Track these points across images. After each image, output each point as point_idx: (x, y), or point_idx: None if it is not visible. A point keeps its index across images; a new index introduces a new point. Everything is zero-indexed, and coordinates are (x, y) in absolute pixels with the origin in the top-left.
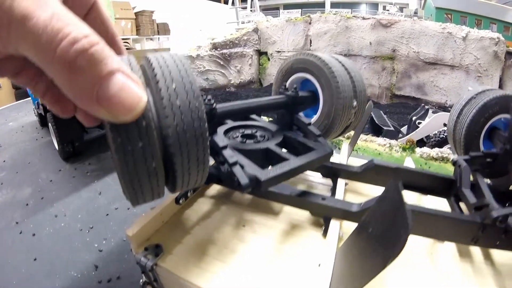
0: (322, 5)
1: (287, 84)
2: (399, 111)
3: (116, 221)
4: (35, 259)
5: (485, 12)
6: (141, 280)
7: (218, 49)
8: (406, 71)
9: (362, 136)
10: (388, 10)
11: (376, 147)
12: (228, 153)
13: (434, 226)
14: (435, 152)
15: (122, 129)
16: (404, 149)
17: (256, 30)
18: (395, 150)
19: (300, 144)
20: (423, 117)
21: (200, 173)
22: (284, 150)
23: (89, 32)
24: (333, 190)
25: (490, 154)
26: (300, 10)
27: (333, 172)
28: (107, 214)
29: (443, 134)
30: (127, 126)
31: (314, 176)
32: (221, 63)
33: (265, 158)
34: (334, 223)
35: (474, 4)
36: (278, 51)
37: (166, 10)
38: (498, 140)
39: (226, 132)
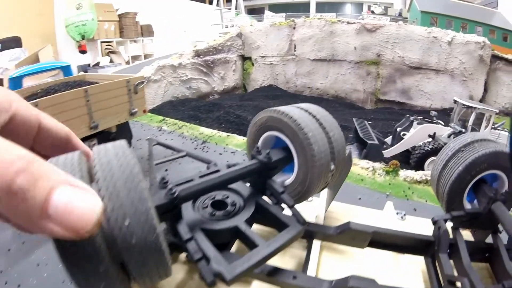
0: (307, 5)
1: (261, 141)
2: (384, 118)
3: None
4: None
5: (470, 15)
6: None
7: (201, 56)
8: (391, 75)
9: None
10: (372, 11)
11: (359, 171)
12: (192, 247)
13: None
14: (418, 175)
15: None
16: (387, 173)
17: (240, 35)
18: (378, 174)
19: (273, 216)
20: (407, 128)
21: (159, 270)
22: (255, 226)
23: (24, 152)
24: (308, 254)
25: (473, 213)
26: (284, 14)
27: (309, 234)
28: None
29: (428, 146)
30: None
31: None
32: (204, 70)
33: (235, 235)
34: None
35: (460, 7)
36: (263, 56)
37: (150, 11)
38: (483, 197)
39: (196, 199)
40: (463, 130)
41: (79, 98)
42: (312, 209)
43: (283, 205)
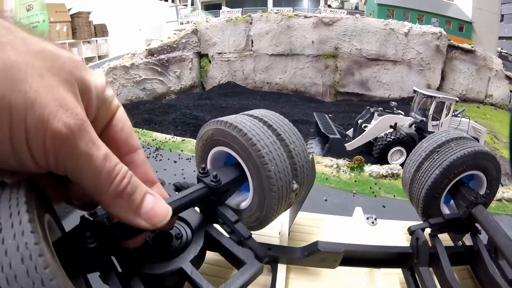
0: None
1: (210, 157)
2: (344, 110)
3: None
4: None
5: (427, 7)
6: None
7: (155, 55)
8: (349, 68)
9: None
10: (329, 5)
11: (323, 170)
12: None
13: None
14: (384, 169)
15: None
16: (352, 169)
17: (195, 32)
18: (343, 171)
19: (226, 251)
20: (369, 120)
21: None
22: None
23: (126, 168)
24: (273, 280)
25: (453, 219)
26: (241, 9)
27: (273, 259)
28: None
29: (390, 137)
30: None
31: None
32: (159, 70)
33: (179, 279)
34: None
35: (416, 0)
36: (219, 53)
37: (104, 10)
38: (462, 200)
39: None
40: (424, 119)
41: None
42: (275, 223)
43: None
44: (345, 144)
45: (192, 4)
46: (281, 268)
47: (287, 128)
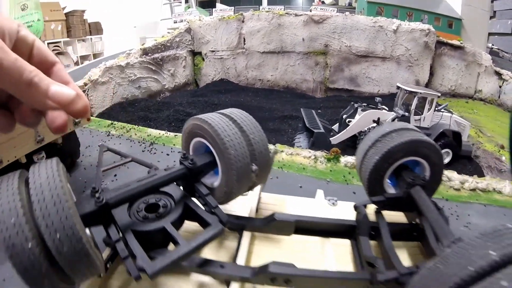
0: None
1: (191, 147)
2: (333, 105)
3: None
4: None
5: (416, 4)
6: None
7: (149, 54)
8: (338, 64)
9: (288, 150)
10: (323, 2)
11: (301, 161)
12: (120, 247)
13: (331, 285)
14: None
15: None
16: (329, 160)
17: (188, 30)
18: (320, 162)
19: (198, 216)
20: (353, 115)
21: (88, 270)
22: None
23: (34, 67)
24: (238, 245)
25: (393, 198)
26: (233, 7)
27: (239, 226)
28: None
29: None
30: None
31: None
32: (153, 68)
33: (163, 236)
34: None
35: None
36: (212, 51)
37: (99, 8)
38: (403, 182)
39: (132, 203)
40: (406, 114)
41: None
42: (248, 202)
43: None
44: (330, 138)
45: (187, 1)
46: (247, 235)
47: (249, 123)
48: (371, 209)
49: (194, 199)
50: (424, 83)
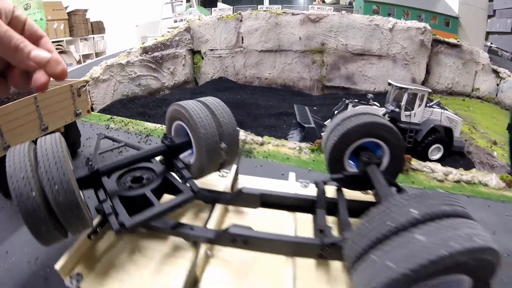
0: None
1: (173, 129)
2: (329, 103)
3: (56, 249)
4: None
5: (412, 3)
6: None
7: (149, 52)
8: (335, 63)
9: (274, 142)
10: (323, 1)
11: (286, 151)
12: (106, 206)
13: (285, 248)
14: None
15: (19, 196)
16: (312, 151)
17: (188, 29)
18: (304, 153)
19: (174, 186)
20: (343, 110)
21: (80, 222)
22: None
23: (20, 36)
24: (210, 214)
25: (350, 176)
26: (232, 7)
27: (212, 199)
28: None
29: None
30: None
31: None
32: (153, 66)
33: (143, 200)
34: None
35: None
36: (211, 49)
37: (101, 7)
38: (361, 161)
39: (123, 174)
40: (397, 109)
41: (29, 105)
42: (225, 181)
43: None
44: (322, 133)
45: (188, 0)
46: (219, 207)
47: (221, 108)
48: (350, 192)
49: (173, 174)
50: (420, 81)
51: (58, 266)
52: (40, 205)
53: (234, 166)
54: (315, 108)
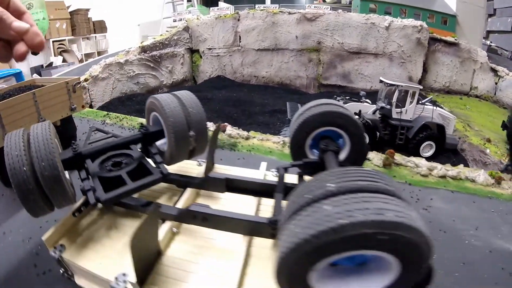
0: None
1: (151, 119)
2: None
3: (46, 230)
4: None
5: (409, 1)
6: (61, 270)
7: (148, 51)
8: (331, 61)
9: (259, 136)
10: (324, 0)
11: (270, 145)
12: (86, 183)
13: (239, 225)
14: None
15: (13, 171)
16: None
17: (187, 29)
18: (288, 147)
19: (147, 169)
20: None
21: (63, 196)
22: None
23: (2, 9)
24: (180, 197)
25: (309, 162)
26: (232, 6)
27: (184, 184)
28: (40, 227)
29: None
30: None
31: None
32: (152, 65)
33: (119, 181)
34: (168, 223)
35: None
36: (210, 48)
37: (103, 6)
38: (321, 149)
39: (106, 160)
40: (388, 106)
41: (28, 100)
42: (201, 169)
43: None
44: None
45: (189, 0)
46: (189, 191)
47: (191, 100)
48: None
49: (148, 159)
50: (417, 79)
51: (44, 237)
52: (30, 178)
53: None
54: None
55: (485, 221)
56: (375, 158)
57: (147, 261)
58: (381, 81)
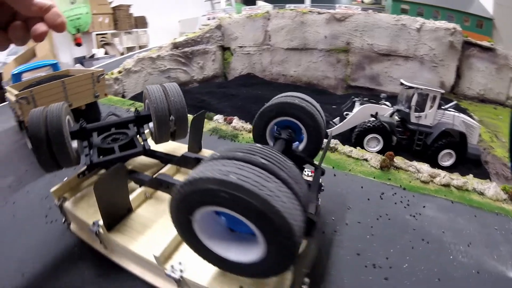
0: None
1: (146, 105)
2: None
3: None
4: (13, 216)
5: (443, 2)
6: (63, 219)
7: (179, 48)
8: (360, 62)
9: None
10: (362, 1)
11: None
12: (85, 150)
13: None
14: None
15: (33, 134)
16: None
17: (219, 27)
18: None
19: (134, 144)
20: (350, 108)
21: (66, 157)
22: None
23: None
24: (159, 170)
25: None
26: (270, 5)
27: (166, 160)
28: None
29: (367, 124)
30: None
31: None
32: (183, 61)
33: (112, 151)
34: (143, 188)
35: None
36: (240, 46)
37: (144, 3)
38: (274, 136)
39: (107, 136)
40: (407, 110)
41: (58, 87)
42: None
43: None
44: (327, 130)
45: None
46: (169, 166)
47: (174, 91)
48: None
49: (139, 137)
50: (450, 85)
51: (52, 189)
52: (43, 140)
53: (195, 140)
54: (334, 106)
55: (482, 238)
56: (373, 159)
57: (115, 212)
58: (401, 84)
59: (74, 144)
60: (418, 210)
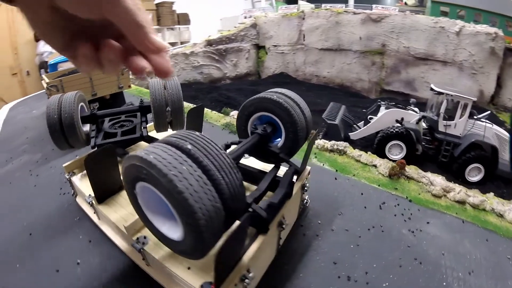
0: None
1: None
2: None
3: None
4: (35, 186)
5: (486, 5)
6: (72, 192)
7: (213, 45)
8: (395, 66)
9: None
10: (406, 3)
11: None
12: (92, 134)
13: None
14: (330, 144)
15: (48, 116)
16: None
17: (254, 26)
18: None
19: (135, 130)
20: (375, 112)
21: (76, 139)
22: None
23: (143, 15)
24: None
25: (240, 142)
26: (311, 5)
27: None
28: None
29: (390, 129)
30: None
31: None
32: (216, 58)
33: (115, 135)
34: None
35: None
36: (275, 45)
37: (188, 0)
38: (251, 131)
39: (116, 123)
40: (435, 117)
41: (85, 77)
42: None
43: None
44: (350, 134)
45: None
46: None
47: (173, 86)
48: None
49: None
50: (489, 94)
51: (64, 164)
52: (57, 123)
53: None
54: (364, 110)
55: (488, 267)
56: (382, 165)
57: (106, 187)
58: (431, 89)
59: (86, 127)
60: (420, 226)
